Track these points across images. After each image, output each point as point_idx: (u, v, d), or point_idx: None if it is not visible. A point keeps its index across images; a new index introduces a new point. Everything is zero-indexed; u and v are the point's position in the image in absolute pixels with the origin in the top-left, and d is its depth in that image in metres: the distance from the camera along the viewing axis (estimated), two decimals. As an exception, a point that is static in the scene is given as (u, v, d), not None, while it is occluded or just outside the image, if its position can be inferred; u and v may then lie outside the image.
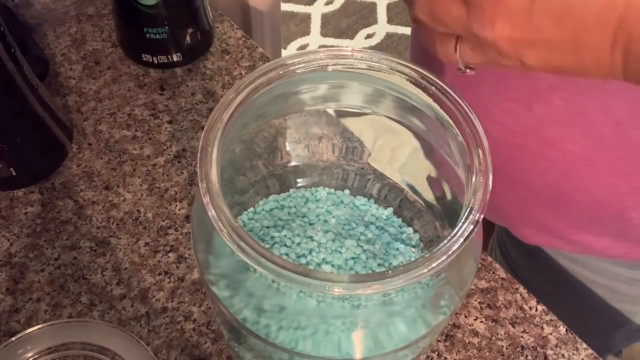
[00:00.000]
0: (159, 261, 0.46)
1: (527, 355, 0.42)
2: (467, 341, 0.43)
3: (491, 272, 0.46)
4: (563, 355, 0.43)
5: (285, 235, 0.35)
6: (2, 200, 0.49)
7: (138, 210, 0.49)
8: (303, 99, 0.35)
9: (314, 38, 1.71)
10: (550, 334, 0.43)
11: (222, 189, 0.27)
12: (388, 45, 1.69)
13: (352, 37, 1.71)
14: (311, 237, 0.35)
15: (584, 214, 0.50)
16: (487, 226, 0.60)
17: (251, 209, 0.38)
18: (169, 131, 0.53)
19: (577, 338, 0.43)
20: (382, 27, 1.74)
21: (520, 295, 0.45)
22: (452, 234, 0.26)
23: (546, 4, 0.26)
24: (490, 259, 0.47)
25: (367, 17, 1.76)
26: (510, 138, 0.47)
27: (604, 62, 0.27)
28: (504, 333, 0.43)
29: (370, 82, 0.33)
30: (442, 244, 0.26)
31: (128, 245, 0.47)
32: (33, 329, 0.40)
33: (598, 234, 0.51)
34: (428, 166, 0.35)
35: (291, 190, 0.39)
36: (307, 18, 1.76)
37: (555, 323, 0.44)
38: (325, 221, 0.37)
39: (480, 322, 0.44)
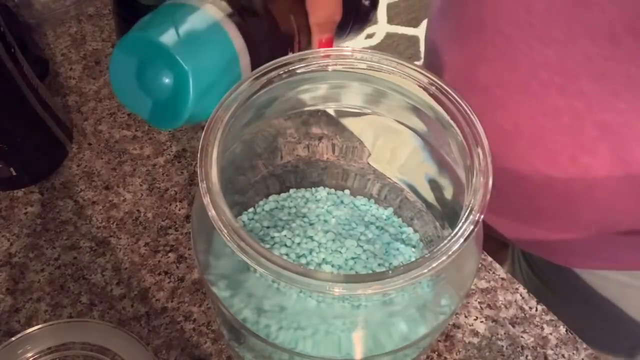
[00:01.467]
0: (159, 261, 0.46)
1: (527, 355, 0.42)
2: (467, 341, 0.43)
3: (491, 272, 0.46)
4: (563, 355, 0.43)
5: (285, 236, 0.35)
6: (2, 200, 0.49)
7: (138, 210, 0.49)
8: (303, 99, 0.35)
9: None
10: (550, 334, 0.43)
11: (222, 189, 0.27)
12: (388, 45, 1.69)
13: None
14: (311, 237, 0.35)
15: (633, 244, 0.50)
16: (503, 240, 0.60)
17: (251, 209, 0.38)
18: (169, 131, 0.53)
19: (577, 338, 0.43)
20: (382, 27, 1.74)
21: (520, 295, 0.45)
22: (452, 234, 0.26)
23: None
24: (490, 259, 0.47)
25: (367, 17, 1.76)
26: (555, 183, 0.48)
27: None
28: (504, 333, 0.43)
29: (370, 82, 0.33)
30: (442, 244, 0.26)
31: (128, 245, 0.47)
32: (33, 329, 0.40)
33: None
34: (428, 166, 0.35)
35: (291, 191, 0.39)
36: (307, 18, 1.76)
37: (555, 323, 0.44)
38: (326, 221, 0.37)
39: (480, 322, 0.44)
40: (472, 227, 0.26)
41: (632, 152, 0.43)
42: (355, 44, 1.84)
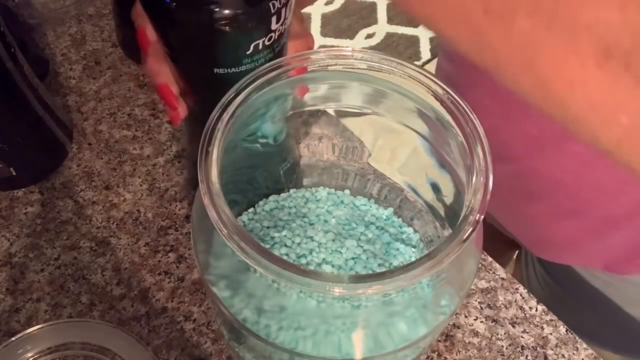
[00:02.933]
0: (159, 261, 0.46)
1: (527, 355, 0.42)
2: (467, 341, 0.43)
3: (491, 272, 0.46)
4: (563, 355, 0.43)
5: (285, 236, 0.35)
6: (2, 200, 0.49)
7: (138, 210, 0.49)
8: (303, 99, 0.35)
9: (314, 38, 1.71)
10: (550, 334, 0.43)
11: (222, 189, 0.27)
12: (388, 45, 1.69)
13: (352, 37, 1.71)
14: (311, 238, 0.35)
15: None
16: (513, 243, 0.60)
17: (251, 209, 0.38)
18: (169, 131, 0.53)
19: (577, 338, 0.43)
20: (382, 27, 1.74)
21: (520, 295, 0.45)
22: (452, 234, 0.26)
23: None
24: (490, 259, 0.47)
25: (367, 17, 1.76)
26: (585, 181, 0.48)
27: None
28: (504, 333, 0.43)
29: (371, 82, 0.33)
30: (442, 244, 0.26)
31: (128, 245, 0.47)
32: (33, 329, 0.40)
33: None
34: (428, 166, 0.35)
35: (291, 191, 0.39)
36: (307, 18, 1.76)
37: (555, 323, 0.44)
38: (326, 221, 0.37)
39: (480, 322, 0.44)
40: (472, 227, 0.26)
41: None
42: (355, 44, 1.83)
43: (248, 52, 0.32)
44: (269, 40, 0.32)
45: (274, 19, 0.31)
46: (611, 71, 0.18)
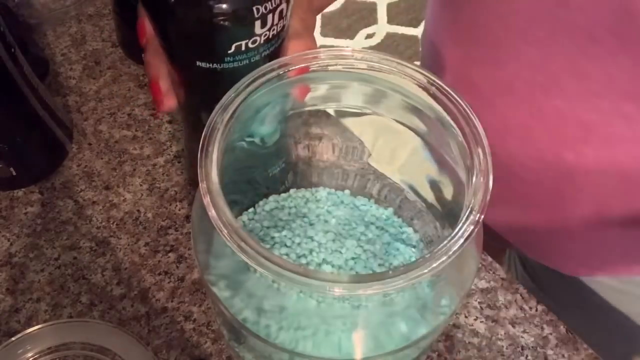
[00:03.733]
0: (159, 261, 0.46)
1: (527, 355, 0.42)
2: (467, 341, 0.43)
3: (491, 272, 0.46)
4: (563, 355, 0.43)
5: (285, 236, 0.35)
6: (2, 200, 0.49)
7: (138, 210, 0.49)
8: (303, 100, 0.35)
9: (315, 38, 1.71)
10: (550, 334, 0.43)
11: (222, 189, 0.27)
12: (388, 45, 1.69)
13: (352, 37, 1.71)
14: (311, 238, 0.35)
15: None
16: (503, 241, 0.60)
17: (251, 209, 0.38)
18: (169, 131, 0.53)
19: (577, 338, 0.43)
20: (382, 27, 1.74)
21: (520, 295, 0.45)
22: (452, 235, 0.26)
23: None
24: (490, 259, 0.47)
25: (367, 17, 1.76)
26: (543, 181, 0.48)
27: None
28: (504, 333, 0.43)
29: (371, 83, 0.33)
30: (442, 245, 0.26)
31: (128, 245, 0.47)
32: (33, 329, 0.40)
33: None
34: (428, 166, 0.35)
35: (291, 191, 0.39)
36: (307, 18, 1.76)
37: (555, 323, 0.44)
38: (326, 221, 0.37)
39: (480, 322, 0.44)
40: (472, 227, 0.26)
41: (616, 151, 0.43)
42: (355, 44, 1.84)
43: (230, 52, 0.32)
44: (253, 43, 0.32)
45: (257, 23, 0.31)
46: None
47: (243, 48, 0.32)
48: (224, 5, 0.30)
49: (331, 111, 0.37)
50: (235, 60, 0.33)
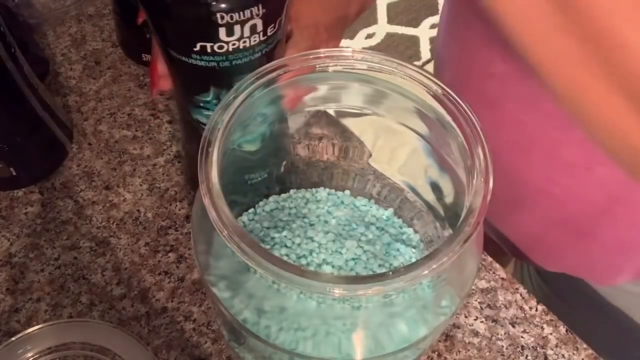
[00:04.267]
0: (159, 261, 0.46)
1: (527, 355, 0.42)
2: (467, 341, 0.43)
3: (491, 272, 0.46)
4: (563, 355, 0.43)
5: (285, 236, 0.35)
6: (2, 200, 0.49)
7: (138, 210, 0.49)
8: (303, 100, 0.35)
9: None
10: (550, 334, 0.43)
11: (222, 190, 0.27)
12: (388, 45, 1.69)
13: (352, 37, 1.71)
14: (311, 238, 0.35)
15: None
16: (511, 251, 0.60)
17: (251, 210, 0.38)
18: (169, 131, 0.53)
19: (577, 338, 0.43)
20: (382, 27, 1.74)
21: (520, 295, 0.45)
22: (452, 235, 0.26)
23: None
24: (490, 259, 0.47)
25: (367, 17, 1.76)
26: (573, 195, 0.47)
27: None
28: (504, 333, 0.43)
29: (371, 83, 0.33)
30: (442, 245, 0.26)
31: (128, 245, 0.47)
32: (33, 329, 0.40)
33: None
34: (428, 167, 0.35)
35: (291, 191, 0.39)
36: (307, 18, 1.76)
37: (555, 323, 0.44)
38: (326, 222, 0.37)
39: (480, 322, 0.44)
40: (472, 228, 0.26)
41: None
42: (355, 44, 1.83)
43: (195, 49, 0.33)
44: (219, 48, 0.32)
45: (222, 30, 0.31)
46: None
47: (209, 50, 0.33)
48: (181, 4, 0.31)
49: (331, 111, 0.37)
50: (203, 60, 0.33)
